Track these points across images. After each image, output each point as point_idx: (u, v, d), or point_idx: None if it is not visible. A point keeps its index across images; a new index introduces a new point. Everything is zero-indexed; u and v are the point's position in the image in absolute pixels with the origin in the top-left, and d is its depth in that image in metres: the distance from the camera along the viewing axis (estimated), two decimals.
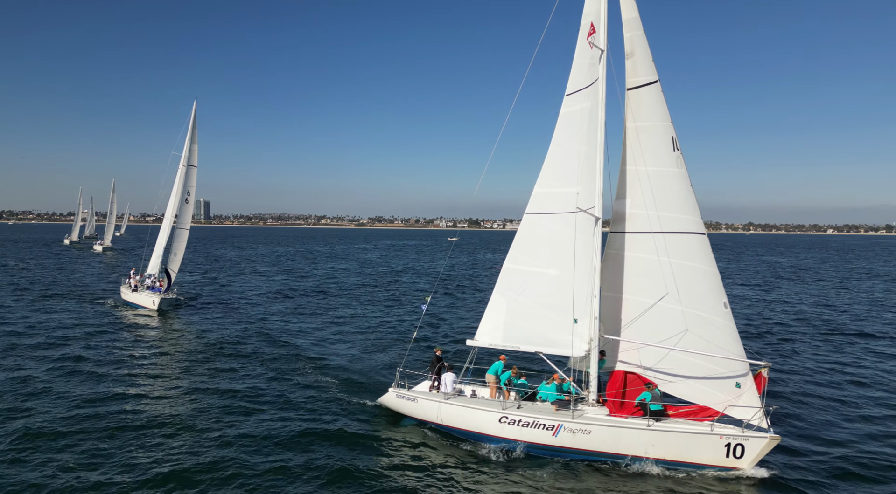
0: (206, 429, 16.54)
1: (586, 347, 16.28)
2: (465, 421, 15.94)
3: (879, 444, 16.38)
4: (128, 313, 35.97)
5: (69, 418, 17.07)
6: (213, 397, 19.54)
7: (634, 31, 15.30)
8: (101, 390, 20.00)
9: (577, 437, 14.67)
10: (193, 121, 37.15)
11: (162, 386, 20.85)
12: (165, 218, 38.72)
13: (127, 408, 18.19)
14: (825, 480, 14.02)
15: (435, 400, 16.42)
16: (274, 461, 14.61)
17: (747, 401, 14.30)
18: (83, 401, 18.73)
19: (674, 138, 15.12)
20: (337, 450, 15.41)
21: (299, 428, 16.80)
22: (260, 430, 16.62)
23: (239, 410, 18.32)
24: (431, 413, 16.49)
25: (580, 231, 16.31)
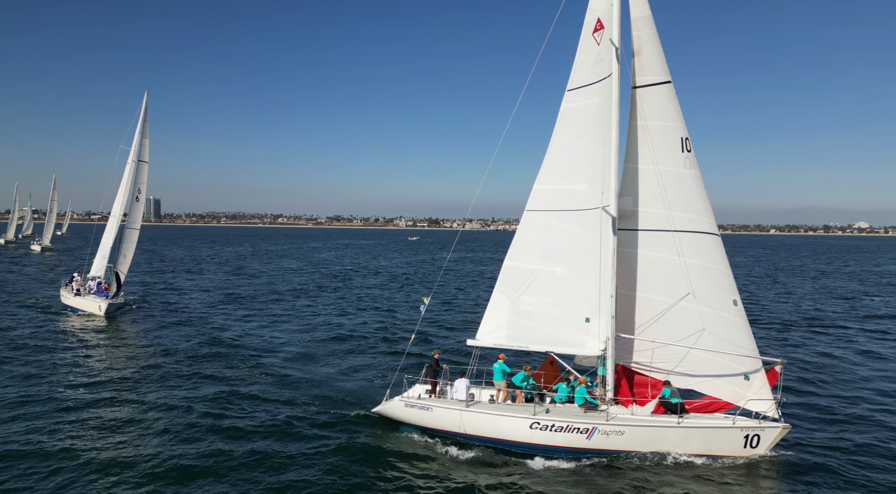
0: (173, 456, 14.55)
1: (602, 346, 16.00)
2: (492, 429, 15.13)
3: (875, 426, 17.39)
4: (70, 319, 33.18)
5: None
6: (176, 415, 17.67)
7: (645, 30, 15.26)
8: (40, 409, 17.82)
9: (610, 439, 14.54)
10: (144, 113, 34.62)
11: (115, 403, 18.77)
12: (112, 216, 36.01)
13: (73, 433, 16.08)
14: (833, 464, 14.69)
15: (455, 407, 15.35)
16: (269, 488, 12.90)
17: (759, 393, 14.78)
18: (18, 422, 16.53)
19: (683, 139, 15.17)
20: (342, 468, 13.94)
21: (289, 448, 14.94)
22: (243, 452, 14.73)
23: (210, 430, 16.50)
24: (451, 423, 15.40)
25: (590, 229, 16.01)
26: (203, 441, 15.66)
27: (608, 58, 15.59)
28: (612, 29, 15.50)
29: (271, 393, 19.87)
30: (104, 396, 19.37)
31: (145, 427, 16.59)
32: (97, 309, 33.70)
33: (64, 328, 30.71)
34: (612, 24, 15.48)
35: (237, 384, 21.05)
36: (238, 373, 22.47)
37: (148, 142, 34.39)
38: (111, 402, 18.80)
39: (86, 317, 33.58)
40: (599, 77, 15.78)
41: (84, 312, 34.45)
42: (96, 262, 36.99)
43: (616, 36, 15.45)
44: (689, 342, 15.28)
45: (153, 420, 17.09)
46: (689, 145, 15.17)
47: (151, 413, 17.71)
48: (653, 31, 15.22)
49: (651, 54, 15.25)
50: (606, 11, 15.61)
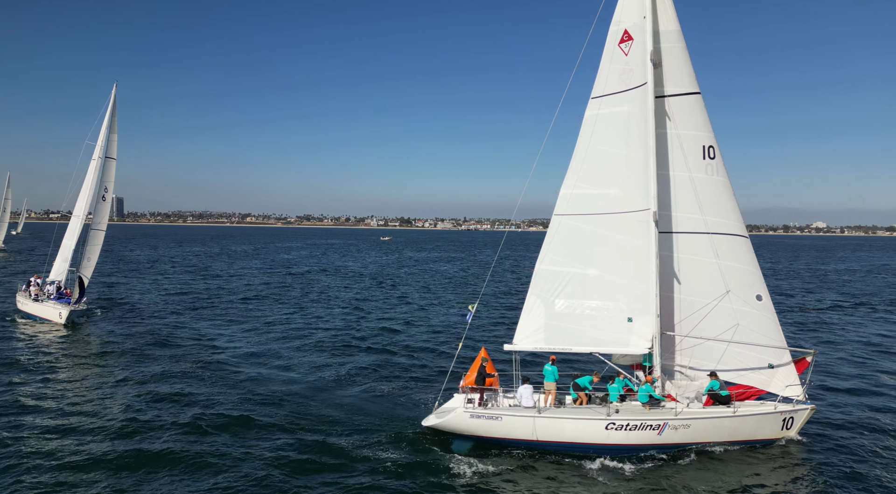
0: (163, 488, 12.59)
1: (647, 344, 16.58)
2: (567, 434, 15.14)
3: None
4: (27, 327, 30.39)
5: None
6: (164, 437, 15.59)
7: (675, 44, 16.09)
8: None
9: (678, 432, 15.17)
10: (113, 107, 31.96)
11: (84, 423, 16.60)
12: (75, 216, 33.29)
13: (35, 460, 13.91)
14: (849, 442, 16.38)
15: (528, 414, 15.13)
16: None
17: (788, 379, 16.02)
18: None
19: (705, 147, 16.07)
20: (411, 489, 13.00)
21: (344, 473, 13.65)
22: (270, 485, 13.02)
23: (208, 451, 14.60)
24: (524, 431, 15.16)
25: (625, 231, 16.66)
26: (203, 476, 13.71)
27: (639, 68, 16.33)
28: (645, 41, 16.24)
29: (286, 417, 17.55)
30: (65, 421, 17.09)
31: (116, 462, 14.49)
32: (57, 316, 31.07)
33: (20, 337, 27.95)
34: (646, 37, 16.23)
35: (238, 406, 18.57)
36: (234, 392, 20.13)
37: (116, 137, 31.88)
38: (73, 429, 16.57)
39: (44, 325, 30.85)
40: (628, 86, 16.47)
41: (43, 320, 31.81)
42: (56, 265, 34.24)
43: (650, 48, 16.14)
44: (726, 336, 16.26)
45: (128, 455, 14.96)
46: (712, 152, 16.05)
47: (121, 444, 15.58)
48: (682, 44, 16.10)
49: (680, 66, 16.08)
50: (636, 24, 16.36)
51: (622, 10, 16.55)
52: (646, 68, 16.18)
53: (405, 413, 17.90)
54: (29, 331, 29.56)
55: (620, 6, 16.63)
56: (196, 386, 20.91)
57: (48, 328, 30.41)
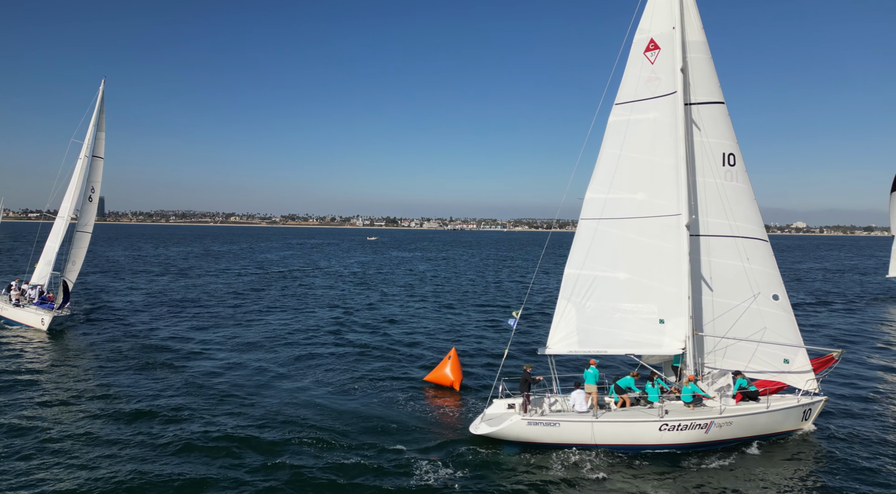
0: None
1: (681, 345, 17.10)
2: (623, 436, 15.59)
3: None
4: (6, 334, 28.90)
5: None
6: (162, 457, 14.40)
7: (700, 54, 16.65)
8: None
9: (722, 430, 15.80)
10: (100, 103, 30.42)
11: (67, 436, 15.33)
12: (59, 217, 31.71)
13: (11, 471, 12.78)
14: (858, 427, 17.89)
15: (586, 420, 15.51)
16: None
17: (804, 374, 16.88)
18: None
19: (726, 154, 16.71)
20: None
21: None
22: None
23: (216, 471, 13.50)
24: (583, 435, 15.59)
25: (655, 235, 17.06)
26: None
27: (666, 76, 16.83)
28: (674, 51, 16.73)
29: (312, 429, 16.76)
30: (46, 434, 15.90)
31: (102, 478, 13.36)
32: (39, 322, 29.59)
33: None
34: (675, 47, 16.71)
35: (256, 421, 17.43)
36: (253, 405, 19.00)
37: (104, 135, 30.37)
38: (53, 441, 15.43)
39: (25, 332, 29.37)
40: (654, 94, 16.95)
41: (24, 326, 30.29)
42: (39, 268, 32.66)
43: (679, 57, 16.62)
44: (752, 335, 17.00)
45: (121, 473, 13.81)
46: (732, 160, 16.68)
47: (106, 461, 14.40)
48: (708, 54, 16.65)
49: (706, 76, 16.67)
50: (664, 34, 16.83)
51: (650, 19, 16.95)
52: (675, 77, 16.68)
53: (450, 420, 17.85)
54: (8, 338, 28.06)
55: (649, 16, 16.98)
56: (192, 400, 19.71)
57: (29, 334, 28.92)
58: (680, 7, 16.70)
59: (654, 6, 16.91)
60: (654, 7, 16.90)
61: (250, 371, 23.41)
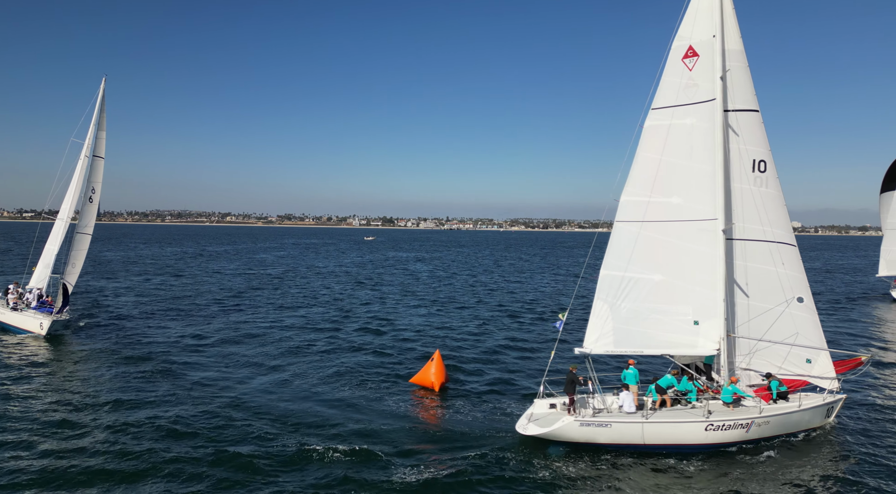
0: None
1: (715, 346, 17.59)
2: (671, 436, 15.92)
3: None
4: (4, 339, 28.07)
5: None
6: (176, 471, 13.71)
7: (738, 63, 17.12)
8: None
9: (761, 428, 16.36)
10: (101, 102, 29.53)
11: (67, 446, 14.54)
12: (59, 219, 30.89)
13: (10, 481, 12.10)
14: (872, 421, 18.80)
15: (636, 421, 15.82)
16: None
17: (826, 373, 17.61)
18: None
19: (756, 161, 17.26)
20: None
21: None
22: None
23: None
24: (633, 436, 15.91)
25: (689, 238, 17.50)
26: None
27: (704, 83, 17.26)
28: (713, 58, 17.15)
29: (309, 429, 16.47)
30: (45, 445, 15.20)
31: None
32: (38, 327, 28.73)
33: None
34: (715, 55, 17.14)
35: (263, 425, 16.92)
36: (249, 411, 18.29)
37: (105, 135, 29.54)
38: (53, 452, 14.77)
39: (24, 337, 28.52)
40: (692, 100, 17.38)
41: (22, 331, 29.44)
42: (38, 271, 31.80)
43: (720, 65, 17.09)
44: (780, 337, 17.64)
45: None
46: (762, 166, 17.22)
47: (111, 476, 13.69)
48: (745, 63, 17.11)
49: (743, 84, 17.13)
50: (703, 42, 17.26)
51: (691, 27, 17.34)
52: (714, 84, 17.15)
53: (492, 423, 17.98)
54: (6, 344, 27.22)
55: (689, 24, 17.36)
56: (192, 405, 18.96)
57: (28, 339, 28.09)
58: (720, 16, 17.14)
59: (696, 15, 17.32)
60: (696, 15, 17.32)
61: (253, 372, 23.19)
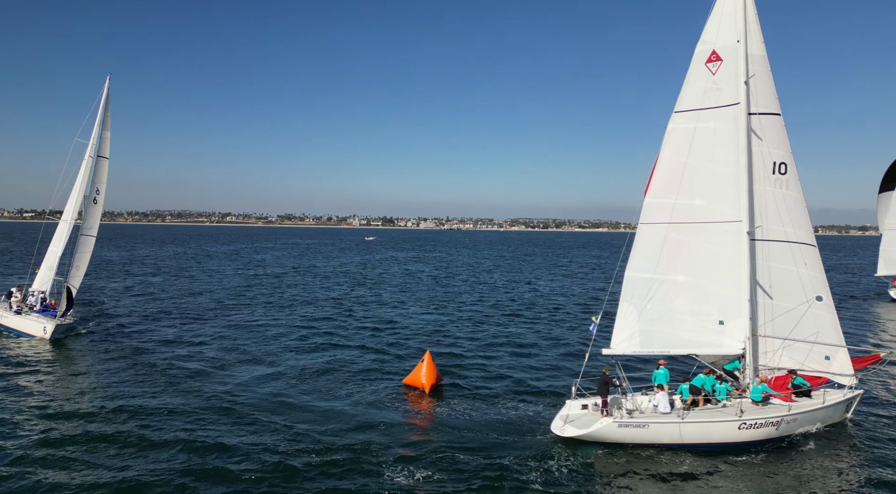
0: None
1: (741, 345, 18.00)
2: (707, 435, 16.30)
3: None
4: (7, 343, 27.60)
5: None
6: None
7: (761, 67, 17.50)
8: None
9: (789, 426, 16.81)
10: (105, 101, 29.05)
11: (72, 455, 14.17)
12: (63, 220, 30.38)
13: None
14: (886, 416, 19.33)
15: (673, 421, 16.20)
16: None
17: (844, 370, 18.06)
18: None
19: (777, 163, 17.61)
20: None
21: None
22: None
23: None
24: (671, 435, 16.29)
25: (713, 240, 17.85)
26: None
27: (728, 88, 17.57)
28: (737, 63, 17.47)
29: (304, 430, 15.91)
30: (49, 453, 14.76)
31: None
32: (41, 331, 28.23)
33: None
34: (739, 59, 17.47)
35: (268, 428, 16.57)
36: (253, 418, 17.91)
37: (109, 135, 29.07)
38: (57, 462, 14.32)
39: (27, 341, 28.04)
40: (716, 104, 17.74)
41: (24, 335, 28.91)
42: (41, 273, 31.31)
43: (744, 70, 17.37)
44: (802, 336, 18.05)
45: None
46: (783, 168, 17.58)
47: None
48: (768, 68, 17.46)
49: (765, 88, 17.49)
50: (727, 46, 17.58)
51: (715, 32, 17.63)
52: (738, 89, 17.46)
53: (524, 424, 18.08)
54: (9, 348, 26.76)
55: (713, 29, 17.65)
56: (197, 410, 18.56)
57: (31, 344, 27.62)
58: (744, 21, 17.45)
59: (721, 20, 17.62)
60: (721, 21, 17.63)
61: (255, 373, 23.09)
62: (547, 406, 19.55)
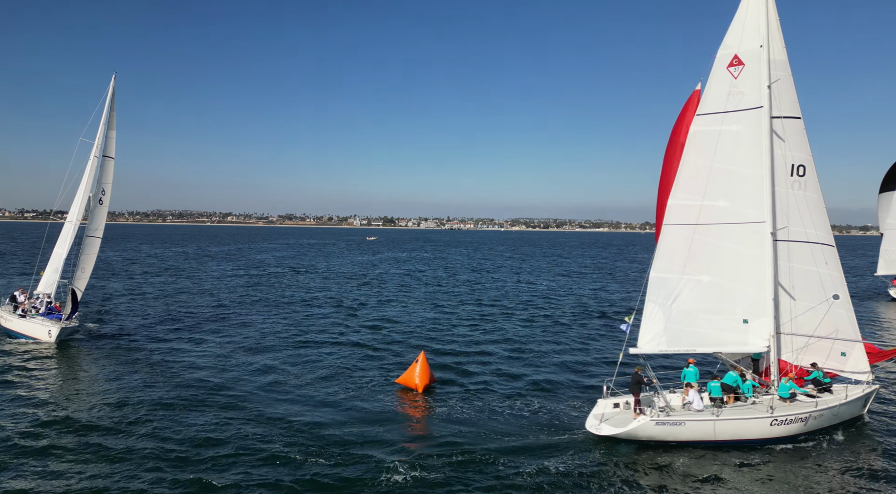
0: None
1: (765, 343, 18.44)
2: (740, 432, 16.71)
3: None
4: (11, 348, 27.18)
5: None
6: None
7: (783, 72, 17.96)
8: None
9: (817, 421, 17.23)
10: (111, 100, 28.59)
11: (77, 467, 13.84)
12: (68, 222, 29.89)
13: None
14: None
15: (709, 418, 16.59)
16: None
17: (861, 366, 18.50)
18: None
19: (796, 165, 18.05)
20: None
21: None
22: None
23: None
24: (706, 432, 16.68)
25: (736, 240, 18.27)
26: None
27: (750, 92, 18.02)
28: (759, 67, 17.87)
29: (303, 433, 15.64)
30: (53, 464, 14.41)
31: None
32: (46, 334, 27.76)
33: (2, 359, 24.77)
34: (761, 64, 17.88)
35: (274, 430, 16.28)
36: (258, 415, 17.64)
37: (115, 134, 28.60)
38: (62, 474, 13.89)
39: (31, 345, 27.59)
40: (737, 107, 18.12)
41: (29, 338, 28.41)
42: (46, 275, 30.86)
43: (766, 74, 17.80)
44: (823, 333, 18.47)
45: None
46: (802, 170, 18.03)
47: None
48: (789, 72, 17.90)
49: (787, 92, 17.91)
50: (749, 51, 17.99)
51: (738, 37, 18.02)
52: (760, 92, 17.89)
53: (554, 421, 18.51)
54: (13, 352, 26.36)
55: (737, 34, 18.03)
56: (232, 426, 18.18)
57: (36, 347, 27.20)
58: (766, 27, 17.88)
59: (744, 25, 18.01)
60: (744, 26, 18.02)
61: (257, 375, 23.15)
62: (545, 404, 20.04)
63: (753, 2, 17.95)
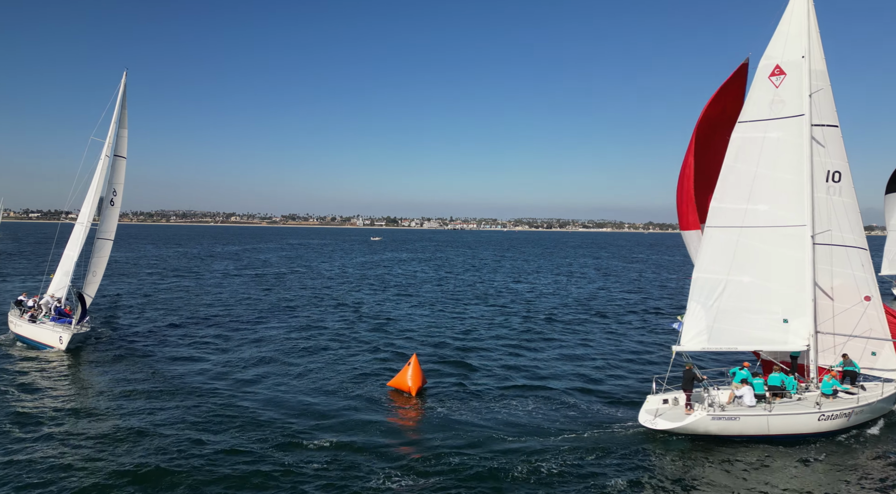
0: None
1: (805, 342, 19.16)
2: (791, 426, 17.37)
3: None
4: (21, 353, 26.47)
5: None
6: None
7: (823, 82, 18.72)
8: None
9: (858, 416, 18.08)
10: (122, 98, 27.88)
11: (91, 479, 13.42)
12: (79, 223, 29.17)
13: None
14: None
15: (762, 413, 17.21)
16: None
17: (887, 363, 19.13)
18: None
19: (831, 171, 18.81)
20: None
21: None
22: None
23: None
24: (759, 427, 17.32)
25: (777, 243, 19.02)
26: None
27: (791, 100, 18.80)
28: (801, 78, 18.68)
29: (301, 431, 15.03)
30: (66, 478, 13.86)
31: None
32: (57, 340, 26.94)
33: (9, 369, 23.94)
34: (803, 74, 18.69)
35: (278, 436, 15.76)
36: (262, 423, 17.09)
37: (126, 133, 27.80)
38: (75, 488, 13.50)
39: (41, 351, 26.79)
40: (779, 115, 18.91)
41: (39, 344, 27.57)
42: (56, 279, 30.10)
43: (807, 84, 18.59)
44: (857, 332, 19.24)
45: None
46: (837, 177, 18.82)
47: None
48: (828, 82, 18.68)
49: (826, 102, 18.67)
50: (791, 61, 18.80)
51: (782, 48, 18.85)
52: (801, 101, 18.65)
53: (602, 416, 19.27)
54: (24, 358, 25.75)
55: (780, 45, 18.84)
56: (245, 436, 17.64)
57: (46, 354, 26.53)
58: (808, 38, 18.63)
59: (787, 36, 18.84)
60: (787, 37, 18.86)
61: (259, 376, 23.44)
62: (540, 402, 20.59)
63: (796, 15, 18.76)
